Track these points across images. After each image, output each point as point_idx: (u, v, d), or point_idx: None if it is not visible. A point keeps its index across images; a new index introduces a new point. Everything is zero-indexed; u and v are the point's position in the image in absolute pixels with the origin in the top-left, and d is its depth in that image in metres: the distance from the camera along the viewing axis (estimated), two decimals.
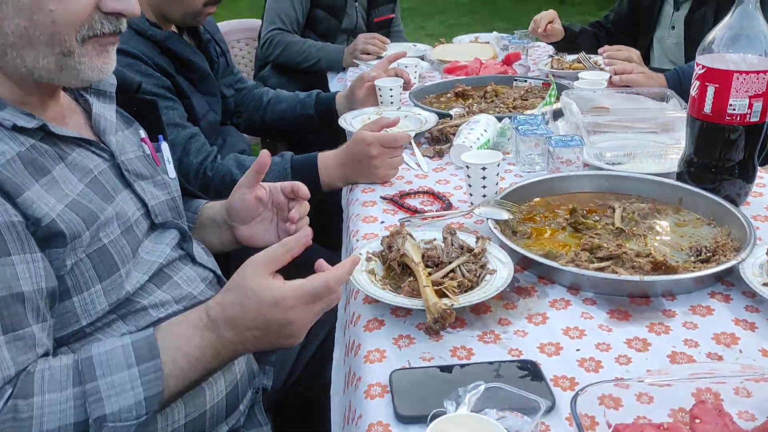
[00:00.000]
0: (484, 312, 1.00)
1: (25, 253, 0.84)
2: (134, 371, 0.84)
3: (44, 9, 0.87)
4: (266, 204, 1.21)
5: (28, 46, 0.89)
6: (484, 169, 1.28)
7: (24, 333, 0.83)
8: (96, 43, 0.92)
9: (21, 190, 0.85)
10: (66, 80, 0.94)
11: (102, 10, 0.90)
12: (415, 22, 8.23)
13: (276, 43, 2.67)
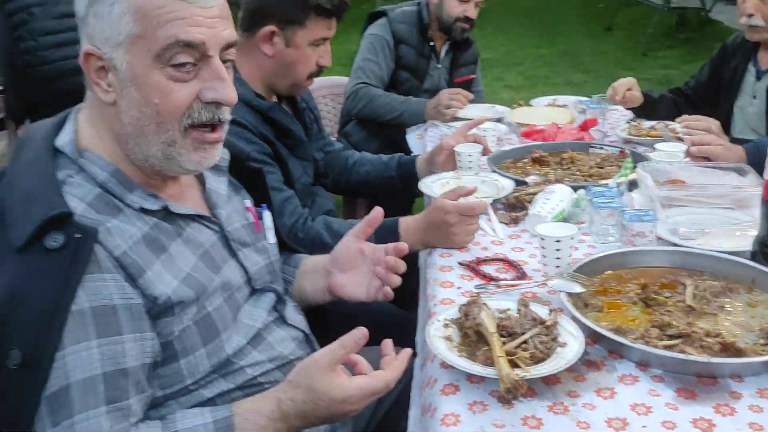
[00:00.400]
0: (554, 383, 1.06)
1: (136, 332, 0.97)
2: None
3: (150, 102, 1.00)
4: (366, 257, 1.31)
5: (142, 136, 1.03)
6: (558, 241, 1.36)
7: (123, 405, 0.94)
8: (197, 136, 1.04)
9: (143, 271, 0.99)
10: (170, 169, 1.06)
11: (202, 101, 1.02)
12: (493, 73, 8.35)
13: (361, 95, 2.80)
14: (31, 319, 0.90)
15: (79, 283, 0.92)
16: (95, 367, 0.92)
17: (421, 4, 2.95)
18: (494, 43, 10.56)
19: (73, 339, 0.91)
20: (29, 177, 0.98)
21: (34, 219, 0.92)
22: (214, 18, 1.01)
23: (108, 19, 0.99)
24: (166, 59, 0.99)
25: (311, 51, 1.77)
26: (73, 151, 1.03)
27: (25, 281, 0.91)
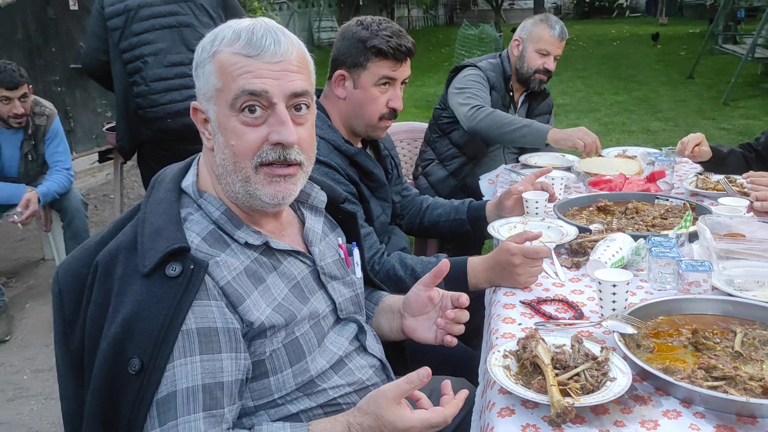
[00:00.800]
0: (602, 413, 1.17)
1: (233, 352, 1.14)
2: None
3: (229, 144, 1.18)
4: (435, 305, 1.45)
5: (226, 175, 1.21)
6: (615, 286, 1.46)
7: (217, 413, 1.11)
8: (268, 171, 1.19)
9: (242, 300, 1.16)
10: (255, 204, 1.22)
11: (269, 142, 1.18)
12: (569, 119, 8.40)
13: (483, 110, 2.82)
14: (150, 334, 1.07)
15: (190, 307, 1.10)
16: (197, 378, 1.09)
17: (502, 57, 3.12)
18: (571, 89, 10.63)
19: (181, 353, 1.09)
20: (158, 214, 1.17)
21: (158, 250, 1.11)
22: (280, 71, 1.17)
23: (204, 78, 1.20)
24: (237, 107, 1.17)
25: (378, 92, 1.92)
26: (194, 192, 1.23)
27: (148, 302, 1.09)
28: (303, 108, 1.21)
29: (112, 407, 1.09)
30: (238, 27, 1.18)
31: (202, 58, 1.20)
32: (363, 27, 1.90)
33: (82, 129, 6.07)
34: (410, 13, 27.61)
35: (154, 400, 1.07)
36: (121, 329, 1.08)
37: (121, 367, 1.07)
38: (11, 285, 4.01)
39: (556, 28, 2.93)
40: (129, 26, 3.07)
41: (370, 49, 1.87)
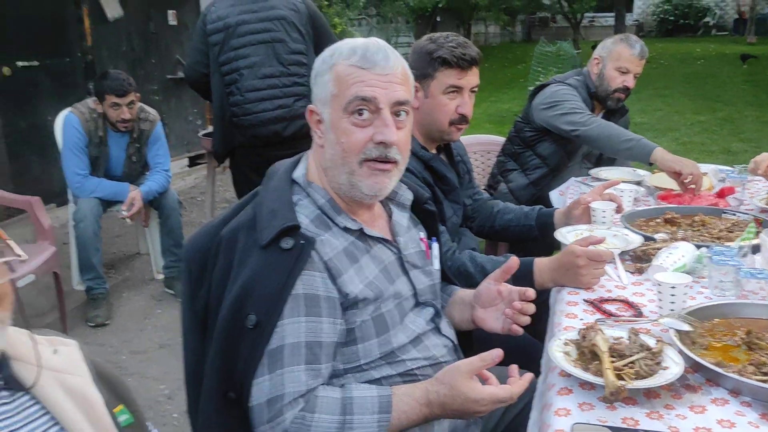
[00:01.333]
0: (654, 397, 1.28)
1: (331, 317, 1.33)
2: (376, 417, 1.29)
3: (339, 141, 1.38)
4: (503, 298, 1.59)
5: (334, 168, 1.41)
6: (673, 287, 1.57)
7: (316, 368, 1.30)
8: (370, 165, 1.39)
9: (341, 274, 1.36)
10: (356, 194, 1.41)
11: (374, 141, 1.37)
12: (647, 137, 8.29)
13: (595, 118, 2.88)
14: (265, 295, 1.28)
15: (299, 276, 1.30)
16: (301, 336, 1.29)
17: (584, 75, 3.21)
18: (650, 108, 10.46)
19: (289, 313, 1.29)
20: (273, 198, 1.39)
21: (275, 227, 1.32)
22: (387, 82, 1.37)
23: (321, 85, 1.41)
24: (350, 110, 1.37)
25: (446, 99, 2.07)
26: (304, 182, 1.44)
27: (264, 269, 1.30)
28: (403, 114, 1.41)
29: (231, 356, 1.30)
30: (354, 44, 1.39)
31: (321, 69, 1.41)
32: (431, 41, 2.08)
33: (175, 135, 6.50)
34: (487, 30, 27.65)
35: (265, 351, 1.27)
36: (241, 290, 1.29)
37: (240, 322, 1.28)
38: (110, 276, 4.37)
39: (636, 47, 2.99)
40: (228, 42, 3.35)
41: (436, 59, 2.04)
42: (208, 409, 1.37)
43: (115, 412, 0.93)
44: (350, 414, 1.28)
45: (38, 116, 5.12)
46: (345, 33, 13.24)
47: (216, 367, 1.33)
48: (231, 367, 1.30)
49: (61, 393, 0.88)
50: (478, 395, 1.30)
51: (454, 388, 1.30)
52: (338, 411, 1.28)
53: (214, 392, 1.35)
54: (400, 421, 1.31)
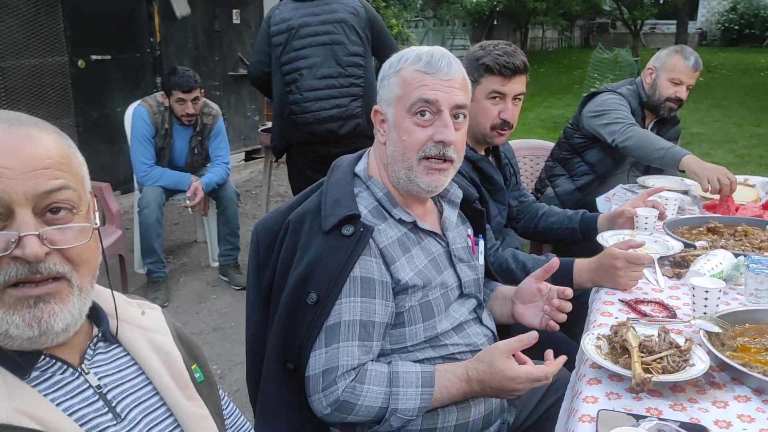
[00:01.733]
0: (679, 391, 1.36)
1: (384, 299, 1.46)
2: (419, 390, 1.42)
3: (401, 140, 1.50)
4: (543, 296, 1.69)
5: (394, 164, 1.53)
6: (707, 291, 1.63)
7: (368, 344, 1.43)
8: (427, 164, 1.50)
9: (394, 261, 1.48)
10: (412, 188, 1.53)
11: (433, 140, 1.49)
12: (702, 148, 8.17)
13: (634, 127, 2.95)
14: (326, 275, 1.42)
15: (357, 260, 1.43)
16: (356, 314, 1.42)
17: (637, 83, 3.25)
18: (707, 119, 10.26)
19: (346, 293, 1.42)
20: (337, 189, 1.52)
21: (337, 215, 1.45)
22: (449, 87, 1.49)
23: (388, 88, 1.54)
24: (413, 111, 1.49)
25: (489, 104, 2.17)
26: (364, 176, 1.57)
27: (326, 252, 1.43)
28: (461, 117, 1.53)
29: (291, 330, 1.44)
30: (420, 51, 1.51)
31: (388, 73, 1.53)
32: (481, 47, 2.19)
33: (233, 130, 6.74)
34: (544, 34, 27.40)
35: (323, 327, 1.41)
36: (305, 270, 1.43)
37: (302, 299, 1.42)
38: (169, 261, 4.60)
39: (690, 59, 3.02)
40: (290, 43, 3.52)
41: (481, 65, 2.14)
42: (268, 378, 1.52)
43: (192, 369, 1.08)
44: (396, 386, 1.40)
45: (108, 107, 5.42)
46: (401, 34, 13.36)
47: (278, 339, 1.47)
48: (291, 340, 1.44)
49: (148, 348, 1.02)
50: (515, 373, 1.41)
51: (492, 366, 1.42)
52: (385, 383, 1.41)
53: (274, 363, 1.50)
54: (442, 396, 1.43)
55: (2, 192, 0.82)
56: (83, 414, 0.90)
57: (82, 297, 0.89)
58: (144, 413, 0.97)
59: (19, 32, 4.63)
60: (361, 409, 1.40)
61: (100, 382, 0.95)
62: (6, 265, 0.82)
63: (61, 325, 0.86)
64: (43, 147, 0.87)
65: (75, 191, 0.89)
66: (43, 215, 0.86)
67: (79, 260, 0.88)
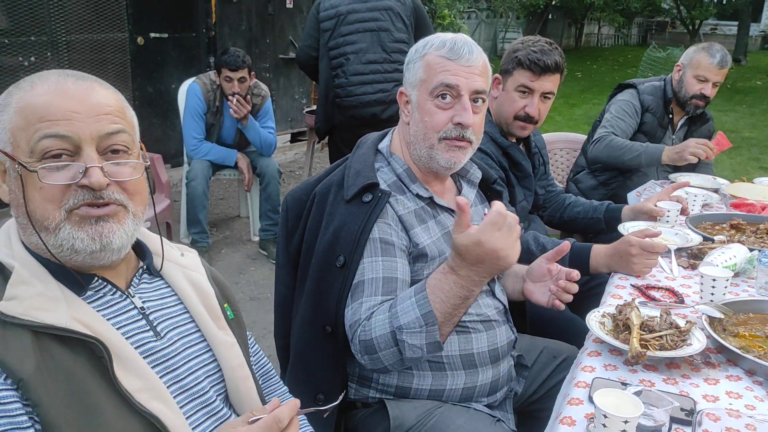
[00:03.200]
0: (674, 367, 1.44)
1: (404, 260, 1.57)
2: (413, 299, 1.42)
3: (423, 120, 1.61)
4: (552, 276, 1.77)
5: (416, 142, 1.64)
6: (714, 280, 1.70)
7: (391, 297, 1.52)
8: (447, 143, 1.60)
9: (412, 228, 1.59)
10: (432, 165, 1.63)
11: (453, 122, 1.59)
12: (751, 152, 8.02)
13: (604, 139, 3.11)
14: (350, 239, 1.54)
15: (376, 222, 1.55)
16: (378, 272, 1.53)
17: (666, 80, 3.29)
18: (761, 123, 10.03)
19: (368, 254, 1.54)
20: (359, 162, 1.64)
21: (357, 185, 1.57)
22: (470, 73, 1.59)
23: (413, 71, 1.64)
24: (435, 94, 1.59)
25: (517, 96, 2.26)
26: (387, 152, 1.69)
27: (349, 218, 1.56)
28: (479, 101, 1.62)
29: (325, 292, 1.56)
30: (444, 38, 1.61)
31: (413, 57, 1.64)
32: (521, 41, 2.28)
33: (281, 111, 6.94)
34: (600, 31, 26.92)
35: (350, 285, 1.53)
36: (332, 236, 1.55)
37: (331, 263, 1.55)
38: (212, 233, 4.82)
39: (716, 56, 3.04)
40: (337, 28, 3.65)
41: (515, 58, 2.25)
42: (302, 339, 1.65)
43: (224, 308, 1.22)
44: (394, 307, 1.44)
45: (163, 83, 5.66)
46: (453, 25, 13.38)
47: (311, 302, 1.60)
48: (325, 302, 1.56)
49: (186, 282, 1.17)
50: (474, 237, 1.30)
51: (456, 247, 1.34)
52: (387, 310, 1.47)
53: (309, 324, 1.62)
54: (438, 295, 1.38)
55: (72, 132, 0.99)
56: (129, 329, 1.05)
57: (135, 221, 1.05)
58: (181, 335, 1.12)
59: (84, 8, 4.89)
60: (379, 342, 1.43)
61: (143, 305, 1.10)
62: (74, 192, 0.99)
63: (118, 242, 1.02)
64: (104, 97, 1.04)
65: (129, 135, 1.06)
66: (105, 154, 1.02)
67: (134, 191, 1.05)
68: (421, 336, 1.39)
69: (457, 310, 1.40)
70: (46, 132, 0.98)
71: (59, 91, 1.00)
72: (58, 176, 0.98)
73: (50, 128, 0.98)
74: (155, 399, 1.00)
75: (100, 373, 0.96)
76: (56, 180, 0.98)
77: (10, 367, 0.89)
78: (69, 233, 0.99)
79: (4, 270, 1.00)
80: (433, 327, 1.39)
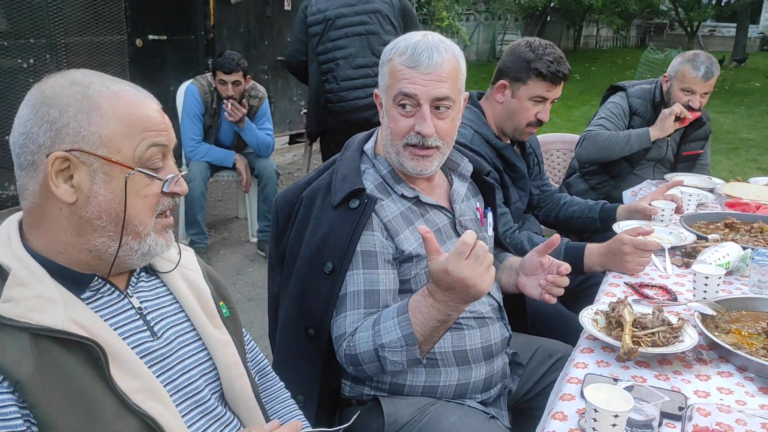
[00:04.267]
0: (666, 363, 1.45)
1: (386, 269, 1.57)
2: (395, 320, 1.46)
3: (389, 125, 1.60)
4: (544, 269, 1.78)
5: (387, 146, 1.63)
6: (707, 278, 1.72)
7: (374, 311, 1.53)
8: (411, 150, 1.60)
9: (398, 233, 1.59)
10: (404, 169, 1.62)
11: (414, 131, 1.58)
12: (749, 153, 8.04)
13: (589, 136, 3.13)
14: (338, 246, 1.54)
15: (362, 232, 1.55)
16: (360, 285, 1.54)
17: (657, 83, 3.29)
18: (759, 125, 10.05)
19: (351, 266, 1.55)
20: (346, 166, 1.64)
21: (344, 190, 1.57)
22: (429, 81, 1.55)
23: (382, 75, 1.64)
24: (397, 101, 1.59)
25: (530, 104, 2.26)
26: (372, 154, 1.69)
27: (337, 224, 1.56)
28: (442, 108, 1.59)
29: (309, 297, 1.57)
30: (408, 42, 1.58)
31: (383, 60, 1.63)
32: (530, 49, 2.25)
33: (279, 113, 6.95)
34: (599, 33, 26.97)
35: (338, 297, 1.54)
36: (320, 241, 1.56)
37: (319, 268, 1.55)
38: (210, 234, 4.82)
39: (700, 69, 3.00)
40: (326, 33, 3.65)
41: (533, 69, 2.22)
42: (287, 339, 1.66)
43: (219, 306, 1.23)
44: (377, 325, 1.48)
45: (162, 85, 5.66)
46: (451, 27, 13.39)
47: (295, 303, 1.61)
48: (310, 306, 1.57)
49: (182, 281, 1.18)
50: (441, 265, 1.33)
51: (430, 273, 1.38)
52: (371, 327, 1.50)
53: (293, 325, 1.63)
54: (418, 318, 1.41)
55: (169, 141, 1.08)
56: (126, 329, 1.06)
57: None
58: (177, 334, 1.13)
59: (83, 11, 4.90)
60: (363, 357, 1.49)
61: (141, 305, 1.11)
62: (162, 199, 1.08)
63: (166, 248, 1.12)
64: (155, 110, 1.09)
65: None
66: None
67: None
68: (402, 354, 1.45)
69: (436, 331, 1.44)
70: (155, 141, 1.05)
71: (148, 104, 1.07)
72: (155, 185, 1.06)
73: (156, 138, 1.05)
74: (151, 399, 1.01)
75: (97, 374, 0.97)
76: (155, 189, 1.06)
77: (7, 369, 0.90)
78: (153, 240, 1.08)
79: (2, 271, 1.00)
80: (414, 346, 1.44)
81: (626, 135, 3.04)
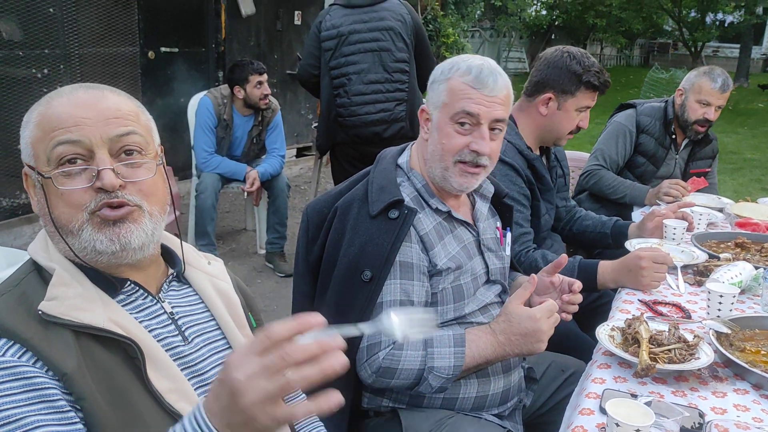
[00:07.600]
0: (683, 380, 1.47)
1: (421, 281, 1.61)
2: (452, 350, 1.54)
3: (441, 142, 1.65)
4: (555, 288, 1.81)
5: (433, 161, 1.67)
6: (721, 296, 1.74)
7: None
8: (462, 167, 1.64)
9: (432, 247, 1.63)
10: (446, 185, 1.67)
11: (469, 149, 1.63)
12: (753, 173, 8.07)
13: (594, 175, 3.24)
14: (378, 254, 1.57)
15: (402, 241, 1.59)
16: (397, 294, 1.58)
17: (668, 102, 3.34)
18: (763, 145, 10.08)
19: (388, 276, 1.58)
20: (382, 178, 1.68)
21: (383, 200, 1.61)
22: (492, 102, 1.62)
23: (436, 92, 1.68)
24: (455, 119, 1.63)
25: (575, 115, 2.31)
26: (406, 168, 1.73)
27: (375, 234, 1.59)
28: (497, 130, 1.66)
29: (347, 304, 1.60)
30: (471, 64, 1.63)
31: (439, 78, 1.67)
32: (576, 61, 2.28)
33: (287, 126, 6.94)
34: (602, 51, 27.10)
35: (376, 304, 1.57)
36: (358, 251, 1.59)
37: (356, 276, 1.58)
38: (219, 246, 4.84)
39: (717, 81, 3.07)
40: (339, 48, 3.70)
41: (584, 82, 2.26)
42: None
43: (248, 315, 1.26)
44: (431, 347, 1.54)
45: (173, 97, 5.72)
46: (457, 44, 13.49)
47: (331, 313, 1.63)
48: (346, 314, 1.59)
49: (212, 290, 1.21)
50: (530, 312, 1.54)
51: (509, 314, 1.56)
52: (421, 347, 1.55)
53: None
54: (472, 351, 1.56)
55: (84, 137, 1.03)
56: (159, 332, 1.09)
57: (153, 220, 1.08)
58: (207, 341, 1.16)
59: (97, 23, 4.96)
60: (402, 372, 1.55)
61: (173, 310, 1.14)
62: (91, 196, 1.03)
63: (137, 241, 1.05)
64: (114, 102, 1.08)
65: (142, 137, 1.09)
66: (118, 156, 1.06)
67: (148, 192, 1.08)
68: (442, 381, 1.56)
69: (479, 366, 1.60)
70: (59, 139, 1.02)
71: (71, 101, 1.05)
72: (76, 181, 1.03)
73: (63, 135, 1.02)
74: (183, 400, 1.04)
75: (134, 372, 1.00)
76: (74, 185, 1.03)
77: (53, 362, 0.93)
78: (90, 235, 1.03)
79: (44, 272, 1.04)
80: (454, 377, 1.57)
81: (626, 189, 3.19)
